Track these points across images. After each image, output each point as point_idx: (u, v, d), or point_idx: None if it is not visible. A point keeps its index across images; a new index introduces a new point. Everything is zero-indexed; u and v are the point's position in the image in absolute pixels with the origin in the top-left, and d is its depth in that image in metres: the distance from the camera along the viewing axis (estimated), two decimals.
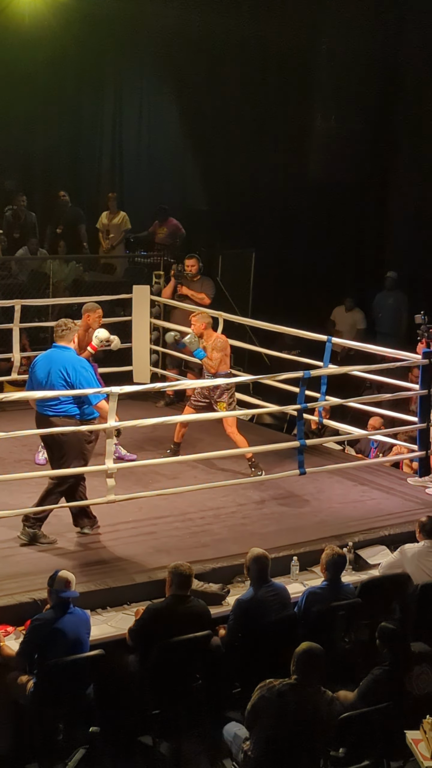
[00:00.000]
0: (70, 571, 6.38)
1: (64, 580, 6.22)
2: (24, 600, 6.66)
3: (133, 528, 8.06)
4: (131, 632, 6.47)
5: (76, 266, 13.68)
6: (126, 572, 7.25)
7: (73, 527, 7.89)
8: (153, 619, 6.41)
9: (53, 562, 7.13)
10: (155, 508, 8.37)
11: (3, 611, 6.61)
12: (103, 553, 7.57)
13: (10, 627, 6.45)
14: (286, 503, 8.82)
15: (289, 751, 5.59)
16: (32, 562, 7.27)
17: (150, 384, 10.31)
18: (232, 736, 5.99)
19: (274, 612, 6.67)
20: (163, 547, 7.68)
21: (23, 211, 14.84)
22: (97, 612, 6.84)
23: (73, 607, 6.22)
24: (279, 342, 12.24)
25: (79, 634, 6.19)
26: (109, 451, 7.74)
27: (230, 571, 7.42)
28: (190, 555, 7.57)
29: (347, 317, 13.95)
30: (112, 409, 7.73)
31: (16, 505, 7.81)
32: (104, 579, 7.13)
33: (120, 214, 14.68)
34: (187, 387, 10.75)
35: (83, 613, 6.30)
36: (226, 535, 8.05)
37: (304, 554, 7.71)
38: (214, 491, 8.61)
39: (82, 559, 7.43)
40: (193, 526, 8.19)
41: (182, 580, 6.47)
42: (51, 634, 6.11)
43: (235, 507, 8.62)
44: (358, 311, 13.95)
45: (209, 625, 6.56)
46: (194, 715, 6.45)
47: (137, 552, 7.60)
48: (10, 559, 7.27)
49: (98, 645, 6.38)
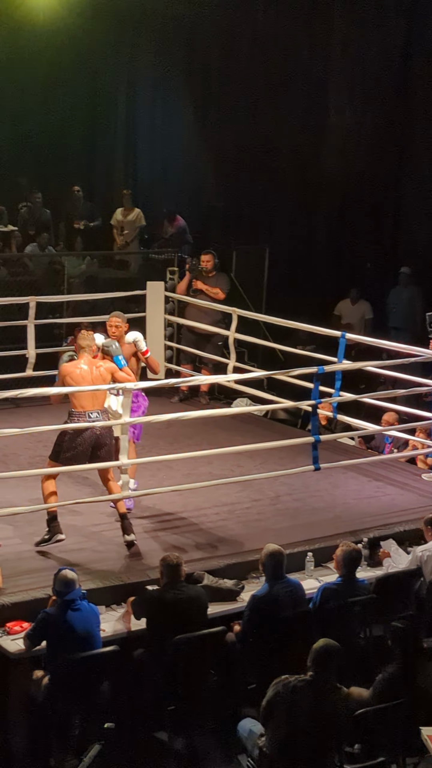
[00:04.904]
0: (85, 567, 6.38)
1: (63, 581, 6.24)
2: (38, 596, 6.67)
3: (147, 524, 8.06)
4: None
5: (90, 262, 13.68)
6: (140, 568, 7.25)
7: (88, 523, 7.90)
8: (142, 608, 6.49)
9: (67, 558, 7.14)
10: (169, 503, 8.37)
11: (18, 607, 6.62)
12: (117, 549, 7.57)
13: (25, 623, 6.46)
14: (301, 499, 8.81)
15: (304, 747, 5.58)
16: (45, 557, 7.28)
17: (164, 380, 10.30)
18: (247, 732, 5.99)
19: (289, 608, 6.67)
20: (178, 543, 7.69)
21: (38, 208, 14.84)
22: (111, 608, 6.85)
23: (80, 602, 6.23)
24: (293, 337, 12.22)
25: (89, 629, 6.21)
26: (123, 447, 7.74)
27: (245, 567, 7.42)
28: (204, 551, 7.59)
29: (354, 309, 13.92)
30: (126, 405, 7.73)
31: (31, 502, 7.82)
32: (118, 575, 7.14)
33: (134, 210, 14.68)
34: (201, 383, 10.78)
35: (92, 608, 6.31)
36: (240, 530, 8.05)
37: (318, 550, 7.70)
38: (228, 487, 8.59)
39: (97, 555, 7.44)
40: (208, 521, 8.18)
41: (171, 570, 6.50)
42: (59, 629, 6.13)
43: (250, 503, 8.62)
44: (364, 302, 13.92)
45: (203, 610, 6.58)
46: (209, 711, 6.45)
47: (152, 548, 7.61)
48: (23, 555, 7.28)
49: (113, 641, 6.39)
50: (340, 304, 14.06)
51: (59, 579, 6.26)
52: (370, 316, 13.88)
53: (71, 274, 12.93)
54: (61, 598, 6.23)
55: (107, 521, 8.02)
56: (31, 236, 14.42)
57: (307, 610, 6.79)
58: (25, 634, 6.31)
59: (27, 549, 7.41)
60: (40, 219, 14.79)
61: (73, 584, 6.25)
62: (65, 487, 8.51)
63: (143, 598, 6.53)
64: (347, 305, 14.01)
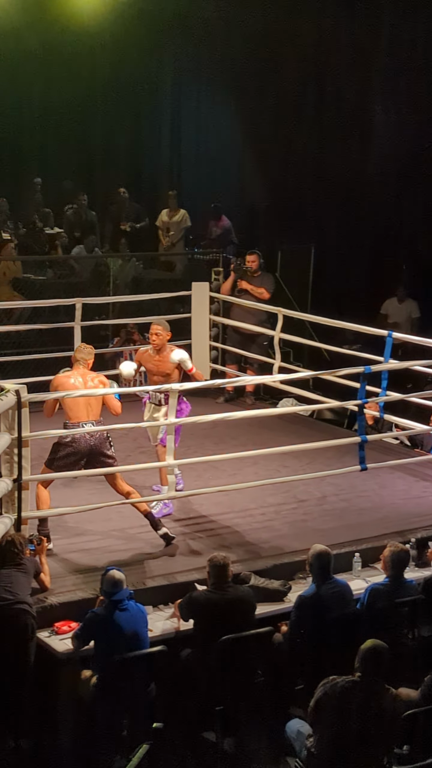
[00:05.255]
0: (132, 567, 6.40)
1: (111, 581, 6.26)
2: (86, 596, 6.71)
3: (194, 524, 8.07)
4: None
5: (136, 264, 13.73)
6: (187, 568, 7.26)
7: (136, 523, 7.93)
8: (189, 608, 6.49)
9: (113, 558, 7.17)
10: (216, 504, 8.38)
11: (65, 607, 6.66)
12: (164, 550, 7.59)
13: (73, 623, 6.50)
14: (348, 499, 8.77)
15: (353, 748, 5.55)
16: (94, 558, 7.31)
17: (210, 380, 10.30)
18: (295, 732, 5.98)
19: (337, 608, 6.64)
20: (224, 543, 7.69)
21: (84, 210, 14.93)
22: (158, 608, 6.87)
23: (127, 602, 6.26)
24: (339, 337, 12.18)
25: (136, 629, 6.22)
26: (170, 448, 7.76)
27: (291, 567, 7.41)
28: (250, 551, 7.58)
29: (401, 308, 13.84)
30: (172, 406, 7.75)
31: (78, 502, 7.87)
32: (166, 575, 7.15)
33: (180, 211, 14.71)
34: (247, 383, 10.77)
35: (139, 608, 6.33)
36: (287, 531, 8.03)
37: (366, 550, 7.67)
38: (275, 487, 8.58)
39: (144, 556, 7.46)
40: (254, 522, 8.17)
41: (218, 571, 6.50)
42: (106, 630, 6.16)
43: (296, 503, 8.60)
44: (411, 301, 13.84)
45: (251, 610, 6.57)
46: (257, 712, 6.44)
47: (198, 548, 7.62)
48: (71, 555, 7.32)
49: (160, 641, 6.41)
50: (387, 303, 13.99)
51: (107, 579, 6.29)
52: (417, 314, 13.80)
53: (117, 276, 12.98)
54: (108, 598, 6.26)
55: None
56: (77, 238, 14.51)
57: (355, 611, 6.76)
58: (73, 634, 6.35)
59: (74, 549, 7.44)
60: (86, 221, 14.87)
61: (121, 584, 6.27)
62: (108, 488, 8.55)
63: (191, 599, 6.54)
64: (394, 304, 13.94)
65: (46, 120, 16.12)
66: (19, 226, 14.52)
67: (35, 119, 15.90)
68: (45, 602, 6.63)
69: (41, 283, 12.66)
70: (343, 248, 15.09)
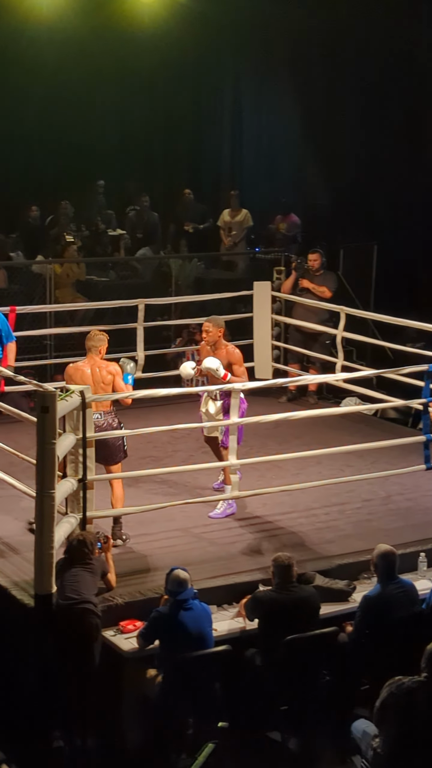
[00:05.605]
0: (197, 566, 6.42)
1: (177, 580, 6.29)
2: (151, 595, 6.74)
3: (258, 524, 8.07)
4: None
5: (197, 264, 13.77)
6: (252, 568, 7.26)
7: (199, 522, 7.96)
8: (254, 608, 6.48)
9: (178, 557, 7.19)
10: (279, 504, 8.37)
11: (131, 606, 6.69)
12: (229, 549, 7.61)
13: (138, 622, 6.53)
14: (413, 498, 8.71)
15: (419, 748, 5.51)
16: (158, 557, 7.34)
17: (272, 380, 10.30)
18: (360, 733, 5.95)
19: (402, 609, 6.60)
20: (288, 543, 7.67)
21: (146, 211, 15.00)
22: (223, 608, 6.88)
23: (192, 602, 6.27)
24: (402, 335, 12.09)
25: (201, 629, 6.24)
26: (232, 448, 7.76)
27: (356, 567, 7.37)
28: (314, 551, 7.56)
29: None
30: (234, 406, 7.75)
31: (141, 502, 7.91)
32: (230, 575, 7.16)
33: (242, 211, 14.71)
34: (310, 382, 10.73)
35: (204, 607, 6.34)
36: (351, 531, 8.00)
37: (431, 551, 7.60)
38: (338, 487, 8.55)
39: (208, 555, 7.48)
40: (318, 522, 8.15)
41: (283, 571, 6.49)
42: (171, 629, 6.19)
43: (360, 503, 8.56)
44: None
45: (315, 610, 6.55)
46: (322, 712, 6.43)
47: (262, 548, 7.61)
48: (136, 555, 7.36)
49: (225, 641, 6.42)
50: None
51: (172, 578, 6.31)
52: None
53: (179, 276, 13.03)
54: (173, 597, 6.29)
55: (218, 522, 8.06)
56: (139, 239, 14.58)
57: (421, 611, 6.71)
58: (138, 633, 6.38)
59: (140, 549, 7.48)
60: (148, 222, 14.93)
61: (186, 584, 6.29)
62: (172, 488, 8.59)
63: (255, 599, 6.54)
64: None
65: (109, 122, 16.22)
66: (82, 229, 14.63)
67: (97, 122, 16.00)
68: (111, 601, 6.67)
69: (104, 285, 12.75)
70: (407, 246, 14.97)
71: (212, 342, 8.42)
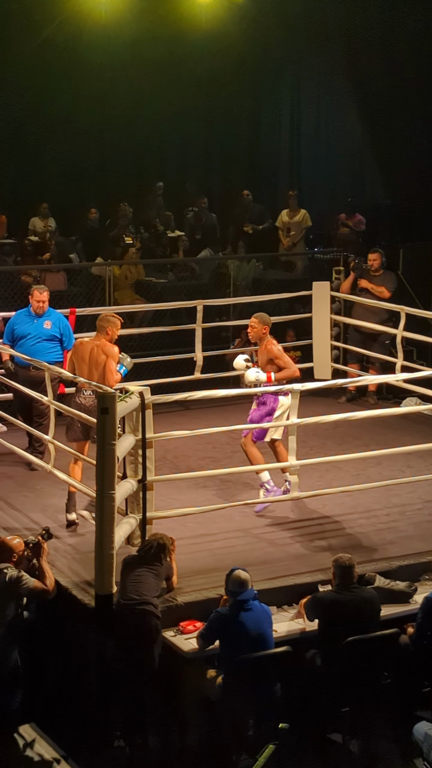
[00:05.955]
0: (257, 567, 6.41)
1: (238, 581, 6.29)
2: (211, 596, 6.74)
3: (318, 525, 8.05)
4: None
5: (256, 265, 13.76)
6: (311, 569, 7.23)
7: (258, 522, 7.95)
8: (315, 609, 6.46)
9: (237, 558, 7.18)
10: (339, 505, 8.33)
11: (190, 607, 6.70)
12: (289, 550, 7.59)
13: (198, 622, 6.54)
14: None
15: None
16: (218, 558, 7.34)
17: (331, 380, 10.26)
18: (422, 735, 5.91)
19: None
20: (348, 544, 7.63)
21: (204, 213, 15.03)
22: (283, 609, 6.86)
23: (252, 602, 6.27)
24: None
25: (261, 630, 6.23)
26: (292, 448, 7.75)
27: (417, 568, 7.31)
28: (375, 552, 7.51)
29: None
30: (294, 407, 7.74)
31: (202, 502, 7.92)
32: (290, 576, 7.14)
33: (300, 211, 14.69)
34: (369, 382, 10.68)
35: (264, 608, 6.33)
36: (412, 532, 7.94)
37: None
38: (399, 487, 8.49)
39: (268, 556, 7.46)
40: (378, 523, 8.10)
41: (344, 572, 6.46)
42: (231, 629, 6.19)
43: (421, 503, 8.49)
44: None
45: (376, 612, 6.51)
46: (384, 714, 6.39)
47: (322, 549, 7.58)
48: (195, 555, 7.36)
49: (285, 642, 6.40)
50: None
51: (233, 579, 6.31)
52: None
53: (237, 277, 13.03)
54: (233, 598, 6.28)
55: (278, 522, 8.05)
56: (198, 240, 14.61)
57: None
58: (198, 634, 6.39)
59: (199, 550, 7.49)
60: (207, 223, 14.96)
61: (246, 584, 6.29)
62: (231, 488, 8.60)
63: (316, 600, 6.52)
64: None
65: (167, 124, 16.28)
66: (141, 230, 14.70)
67: (156, 124, 16.07)
68: (171, 602, 6.69)
69: (163, 286, 12.80)
70: None
71: (257, 338, 8.46)
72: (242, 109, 16.88)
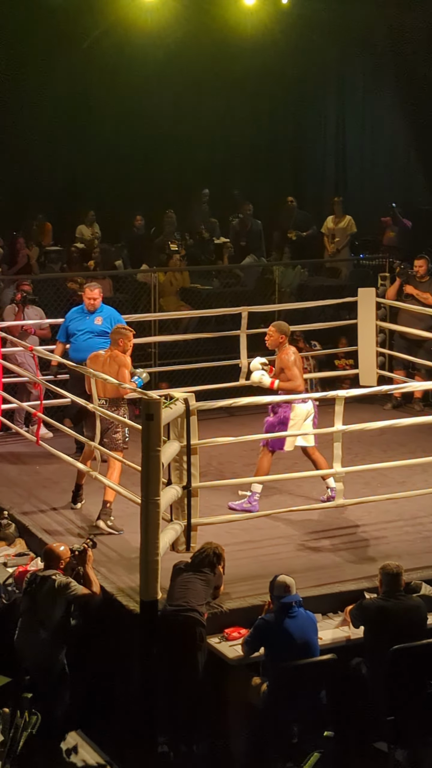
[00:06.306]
0: (302, 574, 6.39)
1: (283, 585, 6.29)
2: (255, 603, 6.72)
3: (363, 532, 8.01)
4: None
5: (301, 271, 13.74)
6: (356, 577, 7.20)
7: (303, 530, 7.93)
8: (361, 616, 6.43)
9: (283, 565, 7.16)
10: (385, 512, 8.29)
11: (235, 614, 6.70)
12: (333, 557, 7.56)
13: (243, 629, 6.53)
14: None
15: None
16: (262, 565, 7.33)
17: (377, 387, 10.21)
18: None
19: None
20: (394, 552, 7.58)
21: (249, 219, 15.03)
22: (328, 616, 6.83)
23: (297, 609, 6.25)
24: None
25: (306, 637, 6.22)
26: (337, 455, 7.72)
27: None
28: (421, 560, 7.46)
29: None
30: (338, 414, 7.71)
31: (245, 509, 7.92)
32: (335, 583, 7.11)
33: (346, 218, 14.65)
34: (415, 389, 10.60)
35: (309, 615, 6.32)
36: None
37: None
38: None
39: (313, 563, 7.44)
40: (424, 530, 8.05)
41: (391, 580, 6.42)
42: (276, 636, 6.18)
43: None
44: None
45: (423, 620, 6.46)
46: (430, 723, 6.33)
47: (367, 556, 7.55)
48: (240, 562, 7.35)
49: (330, 649, 6.37)
50: None
51: (276, 584, 6.31)
52: None
53: (282, 283, 13.02)
54: (278, 604, 6.27)
55: (323, 529, 8.02)
56: (243, 247, 14.62)
57: None
58: (243, 640, 6.38)
59: (243, 556, 7.48)
60: (252, 230, 14.96)
61: (290, 588, 6.28)
62: (275, 495, 8.58)
63: (362, 607, 6.48)
64: None
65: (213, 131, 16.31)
66: (186, 237, 14.75)
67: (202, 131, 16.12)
68: (215, 609, 6.68)
69: (208, 293, 12.82)
70: None
71: (274, 345, 8.51)
72: (287, 115, 16.88)
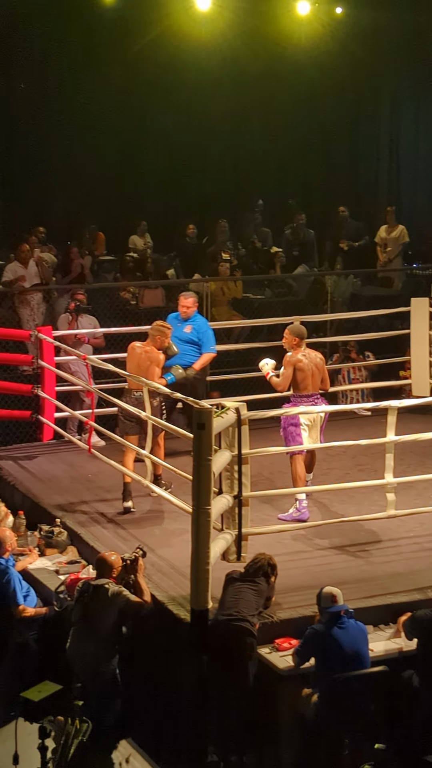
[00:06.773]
0: (353, 585, 6.35)
1: (330, 596, 6.29)
2: (306, 613, 6.70)
3: (414, 543, 7.94)
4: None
5: (353, 281, 13.70)
6: (407, 588, 7.14)
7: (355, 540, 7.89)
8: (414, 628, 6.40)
9: (333, 576, 7.13)
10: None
11: (285, 624, 6.68)
12: (385, 568, 7.50)
13: (294, 639, 6.51)
14: None
15: None
16: (313, 575, 7.30)
17: (430, 397, 10.14)
18: None
19: None
20: None
21: (302, 229, 15.02)
22: (379, 628, 6.79)
23: (347, 620, 6.22)
24: None
25: (357, 647, 6.19)
26: (389, 466, 7.67)
27: None
28: None
29: None
30: (391, 424, 7.66)
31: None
32: (386, 595, 7.06)
33: (398, 227, 14.59)
34: None
35: (359, 626, 6.28)
36: None
37: None
38: None
39: (364, 574, 7.39)
40: None
41: None
42: (326, 647, 6.16)
43: None
44: None
45: None
46: None
47: (418, 568, 7.48)
48: (291, 573, 7.33)
49: (382, 661, 6.33)
50: None
51: (323, 597, 6.30)
52: None
53: (334, 293, 12.99)
54: (327, 615, 6.25)
55: (374, 539, 7.97)
56: (295, 257, 14.60)
57: None
58: (293, 651, 6.36)
59: (294, 567, 7.46)
60: (304, 240, 14.94)
61: (337, 599, 6.26)
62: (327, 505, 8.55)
63: (416, 619, 6.43)
64: None
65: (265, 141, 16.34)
66: (238, 247, 14.76)
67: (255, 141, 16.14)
68: (266, 619, 6.67)
69: (260, 302, 12.82)
70: None
71: (288, 347, 8.79)
72: (341, 124, 16.85)
